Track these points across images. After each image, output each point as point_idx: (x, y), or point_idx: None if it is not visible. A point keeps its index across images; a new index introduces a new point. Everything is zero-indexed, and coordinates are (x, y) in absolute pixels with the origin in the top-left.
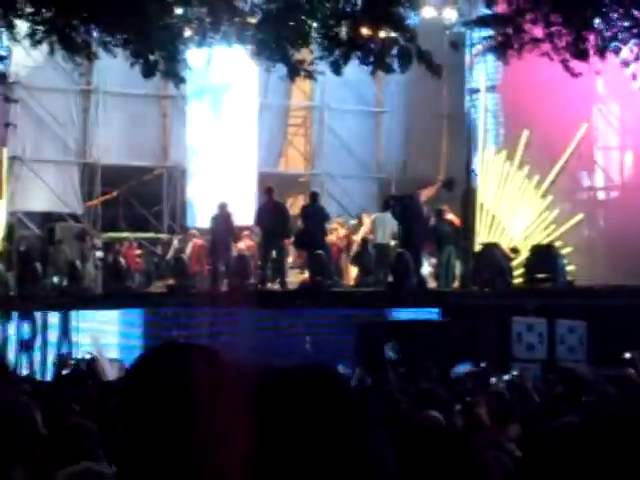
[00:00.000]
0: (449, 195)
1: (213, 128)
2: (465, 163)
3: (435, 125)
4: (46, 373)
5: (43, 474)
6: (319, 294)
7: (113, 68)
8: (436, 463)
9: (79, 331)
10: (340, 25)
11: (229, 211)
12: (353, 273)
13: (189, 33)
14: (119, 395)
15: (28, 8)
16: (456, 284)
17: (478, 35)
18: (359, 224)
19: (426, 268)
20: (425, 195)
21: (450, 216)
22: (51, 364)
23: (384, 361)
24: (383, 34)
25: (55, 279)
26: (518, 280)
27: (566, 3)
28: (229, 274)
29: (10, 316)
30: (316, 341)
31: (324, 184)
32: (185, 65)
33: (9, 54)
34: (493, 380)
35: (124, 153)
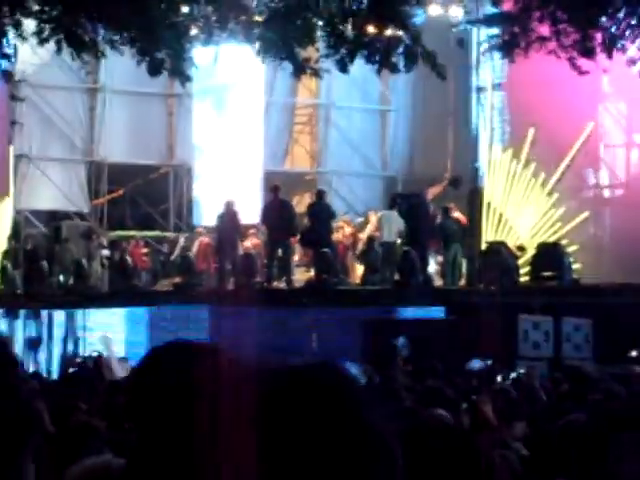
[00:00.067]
0: (455, 193)
1: (219, 126)
2: (471, 161)
3: (441, 123)
4: (53, 371)
5: (50, 471)
6: (325, 292)
7: (119, 66)
8: (442, 461)
9: (86, 329)
10: (346, 23)
11: (235, 209)
12: (359, 271)
13: (195, 31)
14: (126, 393)
15: (35, 6)
16: (462, 282)
17: (485, 33)
18: (365, 222)
19: (432, 266)
20: (431, 193)
21: (456, 214)
22: (57, 362)
23: (394, 358)
24: (389, 32)
25: (61, 277)
26: (524, 278)
27: (572, 1)
28: (235, 272)
29: (17, 314)
30: (322, 339)
31: (330, 182)
32: (191, 63)
33: (15, 52)
34: (499, 378)
35: (130, 151)
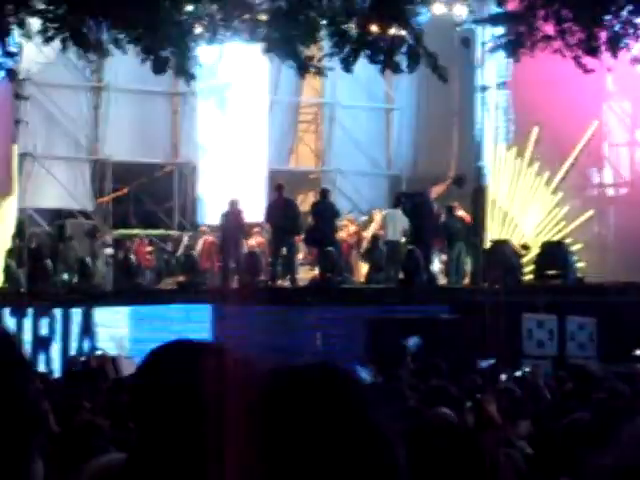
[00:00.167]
0: (459, 192)
1: (224, 125)
2: (475, 160)
3: (445, 122)
4: (58, 370)
5: (54, 471)
6: (329, 291)
7: (124, 65)
8: (447, 460)
9: (89, 328)
10: (350, 22)
11: (240, 208)
12: (363, 270)
13: (200, 30)
14: (130, 391)
15: (40, 4)
16: (466, 281)
17: (489, 32)
18: (369, 221)
19: (436, 265)
20: (435, 192)
21: (460, 213)
22: (60, 361)
23: (403, 357)
24: (392, 32)
25: (65, 276)
26: (528, 277)
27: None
28: (239, 271)
29: (23, 313)
30: (326, 338)
31: (334, 181)
32: (195, 62)
33: (20, 51)
34: (503, 377)
35: (135, 150)
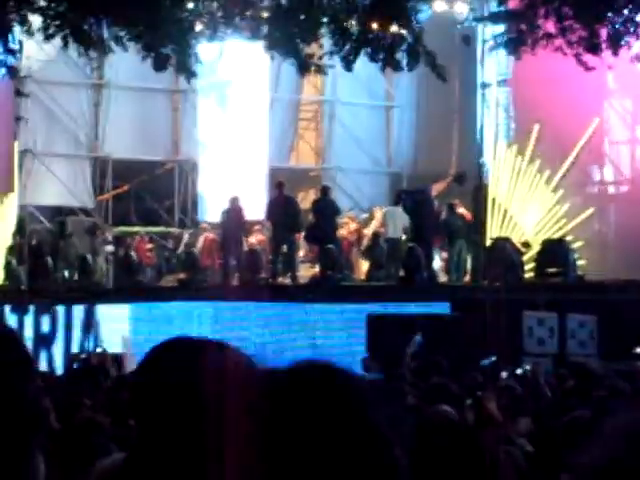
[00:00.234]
0: (460, 189)
1: (224, 122)
2: (476, 157)
3: (446, 119)
4: (59, 367)
5: (55, 468)
6: (330, 288)
7: (124, 62)
8: (447, 458)
9: (90, 325)
10: (350, 19)
11: (240, 205)
12: (364, 267)
13: (200, 27)
14: (131, 389)
15: (41, 2)
16: (467, 278)
17: (490, 30)
18: (370, 218)
19: (437, 262)
20: (436, 189)
21: (461, 210)
22: (62, 358)
23: (403, 355)
24: (393, 29)
25: (66, 273)
26: (529, 274)
27: None
28: (240, 268)
29: (25, 310)
30: (327, 335)
31: (335, 178)
32: (196, 59)
33: (21, 48)
34: (504, 374)
35: (135, 147)
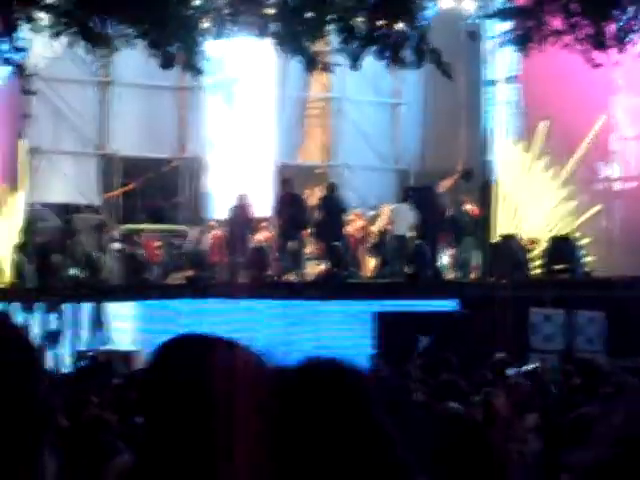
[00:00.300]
0: (467, 186)
1: (231, 120)
2: (483, 154)
3: (453, 116)
4: (67, 365)
5: (64, 465)
6: (336, 285)
7: (131, 60)
8: (456, 454)
9: (99, 322)
10: (356, 17)
11: (248, 202)
12: (371, 264)
13: (207, 24)
14: (139, 386)
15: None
16: (474, 275)
17: (497, 26)
18: (377, 215)
19: (444, 259)
20: (444, 186)
21: (469, 207)
22: (69, 356)
23: (411, 353)
24: (399, 26)
25: (73, 271)
26: (536, 271)
27: None
28: (247, 265)
29: (33, 308)
30: (333, 332)
31: (342, 175)
32: (203, 57)
33: (29, 46)
34: (512, 371)
35: (142, 145)
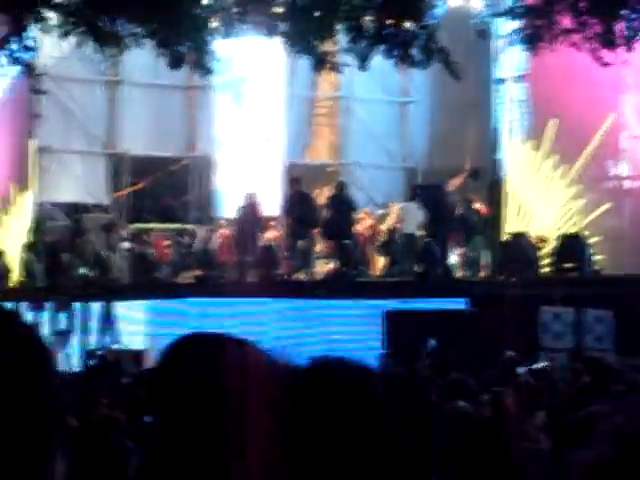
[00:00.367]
0: (476, 185)
1: (240, 119)
2: (492, 153)
3: (462, 114)
4: (76, 364)
5: (74, 465)
6: (345, 284)
7: (140, 59)
8: (465, 453)
9: (107, 322)
10: (365, 16)
11: (257, 201)
12: (380, 263)
13: (216, 24)
14: (148, 385)
15: None
16: (483, 274)
17: (506, 25)
18: (386, 214)
19: (453, 258)
20: (452, 185)
21: (478, 205)
22: (79, 355)
23: (420, 352)
24: (407, 25)
25: (83, 270)
26: (545, 269)
27: None
28: (257, 264)
29: (43, 307)
30: (343, 331)
31: (351, 174)
32: (212, 56)
33: (38, 46)
34: (521, 370)
35: (151, 144)
